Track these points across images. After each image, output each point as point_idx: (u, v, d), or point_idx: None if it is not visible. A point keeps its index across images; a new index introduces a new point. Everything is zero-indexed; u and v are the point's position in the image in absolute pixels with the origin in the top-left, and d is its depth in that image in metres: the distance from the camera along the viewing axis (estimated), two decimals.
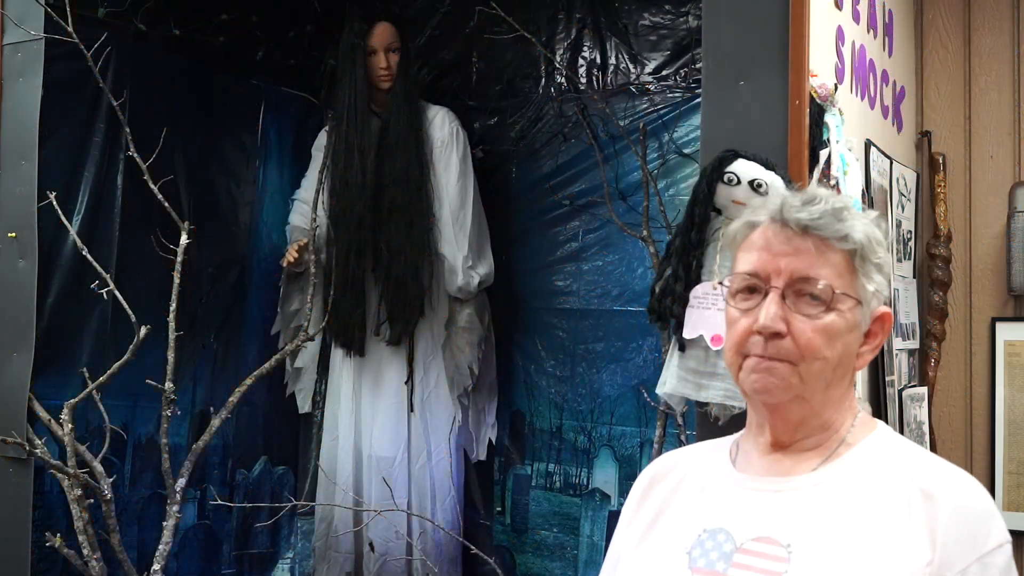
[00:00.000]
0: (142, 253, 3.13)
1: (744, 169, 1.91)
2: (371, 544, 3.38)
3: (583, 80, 3.57)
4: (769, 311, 1.22)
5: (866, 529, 1.19)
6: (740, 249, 1.29)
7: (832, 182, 1.99)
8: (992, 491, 2.79)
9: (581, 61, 3.60)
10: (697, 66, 3.22)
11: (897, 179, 2.65)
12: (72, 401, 2.75)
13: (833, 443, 1.28)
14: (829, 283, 1.23)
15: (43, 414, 2.77)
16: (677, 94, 3.37)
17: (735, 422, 1.90)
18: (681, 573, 1.26)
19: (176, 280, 2.85)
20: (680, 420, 2.61)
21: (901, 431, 2.54)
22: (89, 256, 2.82)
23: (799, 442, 1.29)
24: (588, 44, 3.58)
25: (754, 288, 1.26)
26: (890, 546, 1.17)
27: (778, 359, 1.23)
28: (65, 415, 2.72)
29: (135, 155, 2.84)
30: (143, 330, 2.72)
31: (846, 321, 1.24)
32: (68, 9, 2.70)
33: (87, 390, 2.76)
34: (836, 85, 2.02)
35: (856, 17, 2.35)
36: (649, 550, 1.33)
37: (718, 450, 1.38)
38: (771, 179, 1.89)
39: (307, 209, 3.45)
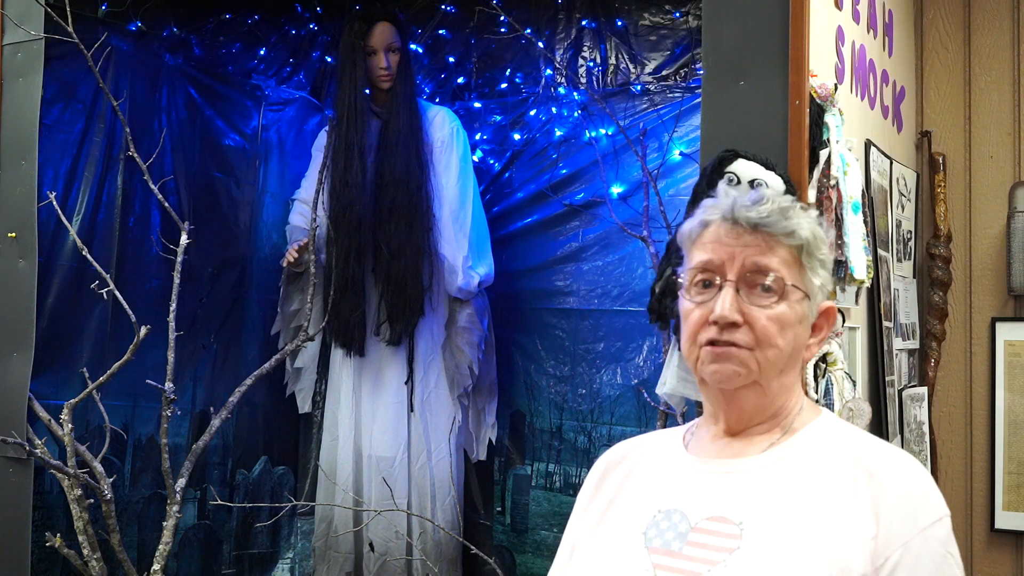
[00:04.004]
0: (142, 253, 3.14)
1: (744, 169, 1.91)
2: (371, 544, 3.38)
3: (583, 80, 3.57)
4: (725, 302, 1.29)
5: (814, 506, 1.25)
6: (694, 246, 1.35)
7: (832, 182, 1.98)
8: (992, 491, 2.79)
9: (581, 61, 3.60)
10: (697, 66, 3.22)
11: (897, 179, 2.65)
12: (72, 401, 2.75)
13: (782, 427, 1.35)
14: (780, 275, 1.29)
15: (43, 414, 2.77)
16: (677, 94, 3.37)
17: None
18: (638, 553, 1.30)
19: (176, 280, 2.85)
20: (680, 420, 2.60)
21: (901, 431, 2.54)
22: (89, 256, 2.81)
23: (751, 427, 1.35)
24: (588, 44, 3.58)
25: (709, 282, 1.32)
26: (837, 522, 1.22)
27: (734, 346, 1.29)
28: (65, 415, 2.72)
29: (135, 155, 2.84)
30: (143, 330, 2.71)
31: (795, 313, 1.31)
32: (68, 9, 2.70)
33: (87, 390, 2.76)
34: (836, 85, 2.02)
35: (856, 17, 2.35)
36: (605, 533, 1.37)
37: (670, 437, 1.44)
38: (771, 179, 1.89)
39: (307, 209, 3.45)
